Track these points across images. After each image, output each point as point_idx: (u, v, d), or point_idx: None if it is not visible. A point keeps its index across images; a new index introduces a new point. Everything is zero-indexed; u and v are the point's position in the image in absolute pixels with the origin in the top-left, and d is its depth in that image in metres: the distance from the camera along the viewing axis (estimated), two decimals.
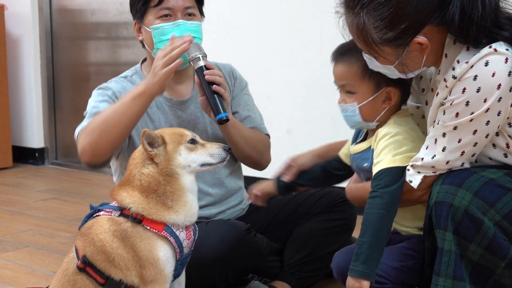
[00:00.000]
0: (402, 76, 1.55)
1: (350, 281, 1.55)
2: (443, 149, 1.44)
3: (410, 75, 1.56)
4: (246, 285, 1.93)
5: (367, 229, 1.55)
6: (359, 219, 2.19)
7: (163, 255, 1.53)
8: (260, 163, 2.17)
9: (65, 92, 4.45)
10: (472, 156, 1.45)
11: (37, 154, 4.49)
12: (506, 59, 1.35)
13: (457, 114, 1.41)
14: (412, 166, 1.52)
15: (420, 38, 1.43)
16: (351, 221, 2.17)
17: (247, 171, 2.25)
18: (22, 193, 3.65)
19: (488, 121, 1.40)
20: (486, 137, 1.42)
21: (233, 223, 1.99)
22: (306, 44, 3.21)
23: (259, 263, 2.00)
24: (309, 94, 3.22)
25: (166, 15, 1.95)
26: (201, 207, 1.96)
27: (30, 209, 3.27)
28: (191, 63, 1.89)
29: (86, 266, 1.56)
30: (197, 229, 1.65)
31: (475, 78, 1.37)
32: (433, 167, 1.47)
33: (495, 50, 1.36)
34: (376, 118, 1.75)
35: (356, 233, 2.21)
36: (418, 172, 1.50)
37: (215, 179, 2.09)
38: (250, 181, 2.29)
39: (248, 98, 2.21)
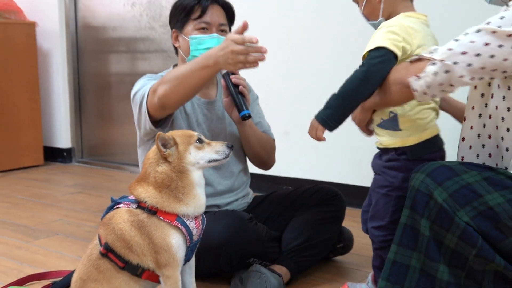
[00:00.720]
0: None
1: (311, 122, 1.65)
2: (456, 40, 1.40)
3: None
4: (248, 268, 1.93)
5: (343, 87, 1.59)
6: (348, 211, 2.23)
7: (175, 242, 1.54)
8: (267, 163, 2.21)
9: (90, 99, 4.47)
10: (468, 66, 1.37)
11: (65, 154, 4.51)
12: None
13: (488, 22, 1.36)
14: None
15: None
16: (341, 213, 2.19)
17: (251, 169, 2.27)
18: (52, 188, 3.67)
19: (502, 45, 1.33)
20: (491, 57, 1.34)
21: (237, 213, 2.02)
22: (300, 58, 3.23)
23: (260, 249, 2.00)
24: (302, 101, 3.23)
25: (203, 28, 1.99)
26: (214, 195, 2.06)
27: (59, 201, 3.30)
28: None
29: (108, 252, 1.58)
30: (205, 219, 1.66)
31: None
32: (434, 50, 1.43)
33: None
34: (378, 16, 1.72)
35: (345, 223, 2.24)
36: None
37: (229, 173, 2.13)
38: (253, 177, 2.31)
39: (259, 108, 2.26)
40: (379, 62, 1.58)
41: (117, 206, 1.63)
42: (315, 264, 2.20)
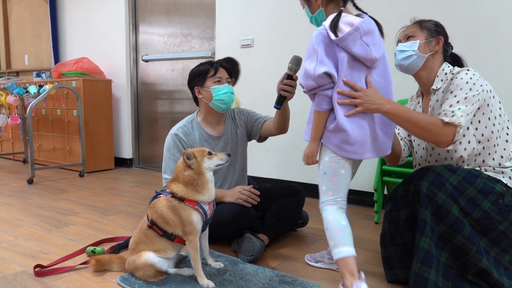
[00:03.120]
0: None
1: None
2: (459, 108, 1.35)
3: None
4: (242, 236, 1.89)
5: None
6: (306, 200, 2.19)
7: (196, 218, 1.51)
8: (286, 127, 2.03)
9: (144, 127, 4.43)
10: (467, 122, 1.36)
11: (128, 161, 4.45)
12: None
13: (466, 92, 1.37)
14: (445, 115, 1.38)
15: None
16: (301, 201, 2.14)
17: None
18: (119, 183, 3.61)
19: (475, 102, 1.37)
20: (472, 112, 1.37)
21: None
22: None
23: (251, 224, 1.97)
24: (274, 140, 3.21)
25: (218, 81, 1.96)
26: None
27: (123, 192, 3.24)
28: (288, 66, 1.66)
29: (153, 225, 1.55)
30: (215, 204, 1.62)
31: (467, 73, 1.40)
32: (454, 115, 1.35)
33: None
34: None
35: (304, 208, 2.20)
36: (449, 119, 1.35)
37: (234, 180, 2.09)
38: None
39: (255, 113, 2.16)
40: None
41: (159, 195, 1.60)
42: (285, 233, 2.18)
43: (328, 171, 1.38)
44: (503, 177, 1.39)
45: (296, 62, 1.62)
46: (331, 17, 1.34)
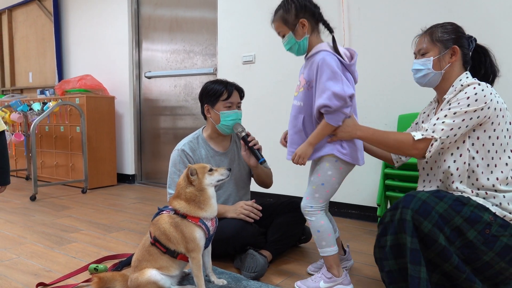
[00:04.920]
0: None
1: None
2: (442, 122, 1.37)
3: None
4: (245, 252, 1.88)
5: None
6: None
7: (199, 235, 1.52)
8: (269, 185, 2.21)
9: (147, 143, 4.45)
10: (454, 136, 1.37)
11: (130, 178, 4.46)
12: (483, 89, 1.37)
13: (461, 106, 1.36)
14: (422, 127, 1.43)
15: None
16: (304, 217, 2.10)
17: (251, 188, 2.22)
18: (121, 199, 3.62)
19: (471, 118, 1.35)
20: (466, 127, 1.36)
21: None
22: (269, 131, 3.23)
23: (254, 240, 1.97)
24: (275, 154, 3.22)
25: (229, 106, 1.97)
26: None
27: (126, 208, 3.24)
28: (238, 134, 1.96)
29: (155, 242, 1.55)
30: (217, 220, 1.63)
31: (474, 88, 1.37)
32: (433, 131, 1.37)
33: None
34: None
35: (306, 224, 2.20)
36: (422, 135, 1.40)
37: (238, 197, 2.11)
38: (251, 193, 2.27)
39: None
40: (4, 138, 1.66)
41: (162, 212, 1.60)
42: (288, 249, 2.16)
43: (326, 183, 1.58)
44: (493, 204, 1.34)
45: (240, 126, 1.95)
46: (322, 45, 1.53)
